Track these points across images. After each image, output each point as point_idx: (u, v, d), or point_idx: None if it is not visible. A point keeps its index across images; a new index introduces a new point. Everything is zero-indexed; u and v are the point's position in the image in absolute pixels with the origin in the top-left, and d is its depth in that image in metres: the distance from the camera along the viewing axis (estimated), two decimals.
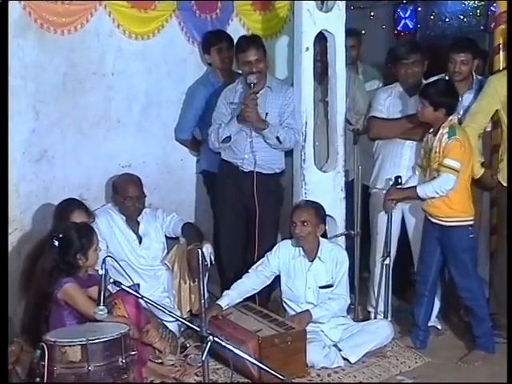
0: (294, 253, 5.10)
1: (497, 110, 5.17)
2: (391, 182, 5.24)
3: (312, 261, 5.06)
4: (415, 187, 5.00)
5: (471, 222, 4.93)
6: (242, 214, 5.53)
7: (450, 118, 4.90)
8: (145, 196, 5.29)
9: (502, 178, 5.17)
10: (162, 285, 5.35)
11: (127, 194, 5.20)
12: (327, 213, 5.20)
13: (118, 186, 5.26)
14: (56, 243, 4.41)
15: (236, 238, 5.57)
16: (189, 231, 5.30)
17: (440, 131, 4.86)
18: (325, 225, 5.13)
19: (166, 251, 5.41)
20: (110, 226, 5.23)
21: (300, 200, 5.23)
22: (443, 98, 4.87)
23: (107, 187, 5.46)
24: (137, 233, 5.32)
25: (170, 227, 5.38)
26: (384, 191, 5.28)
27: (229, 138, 5.33)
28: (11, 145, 4.93)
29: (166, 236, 5.42)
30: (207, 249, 5.24)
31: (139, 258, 5.29)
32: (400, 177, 5.19)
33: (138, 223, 5.32)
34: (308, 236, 5.00)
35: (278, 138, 5.28)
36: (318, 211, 5.06)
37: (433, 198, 4.89)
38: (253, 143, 5.32)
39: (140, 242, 5.31)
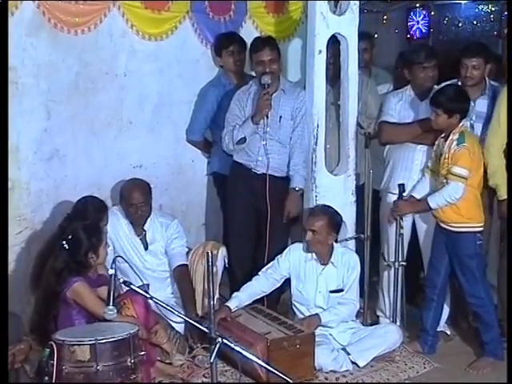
0: (306, 256, 5.09)
1: None
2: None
3: (324, 265, 5.06)
4: (426, 199, 4.99)
5: (479, 229, 4.92)
6: (253, 216, 5.52)
7: (461, 123, 4.88)
8: (150, 204, 5.18)
9: None
10: (169, 286, 5.34)
11: (131, 200, 5.10)
12: None
13: (124, 192, 5.18)
14: (66, 245, 4.41)
15: (246, 240, 5.56)
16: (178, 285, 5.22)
17: (450, 137, 4.85)
18: (338, 233, 5.11)
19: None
20: (116, 229, 5.18)
21: (316, 206, 5.19)
22: (456, 104, 4.85)
23: (115, 189, 5.45)
24: (142, 239, 5.24)
25: (170, 251, 5.26)
26: (395, 196, 5.26)
27: (244, 140, 5.33)
28: (23, 143, 4.97)
29: None
30: (222, 252, 5.24)
31: (145, 262, 5.25)
32: (403, 184, 5.19)
33: (145, 231, 5.23)
34: (317, 244, 4.99)
35: None
36: (332, 220, 5.02)
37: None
38: (266, 146, 5.33)
39: (146, 249, 5.25)
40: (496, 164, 5.08)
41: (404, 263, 5.31)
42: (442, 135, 4.94)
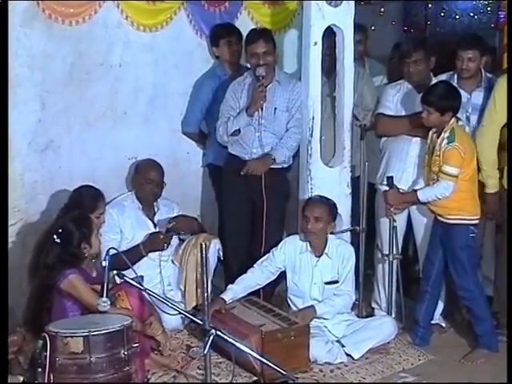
0: (300, 248, 5.08)
1: None
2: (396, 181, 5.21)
3: (319, 256, 5.05)
4: (415, 192, 5.02)
5: (473, 222, 4.92)
6: (248, 209, 5.52)
7: (452, 120, 4.87)
8: (164, 184, 5.33)
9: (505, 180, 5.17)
10: (167, 278, 5.36)
11: (149, 176, 5.27)
12: None
13: (142, 168, 5.33)
14: (57, 240, 4.39)
15: (242, 232, 5.56)
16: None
17: (442, 135, 4.85)
18: (335, 223, 5.12)
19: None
20: (123, 218, 5.25)
21: (315, 195, 5.20)
22: (448, 102, 4.85)
23: (115, 178, 5.49)
24: (152, 219, 5.36)
25: None
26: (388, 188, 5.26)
27: (238, 131, 5.33)
28: (17, 134, 4.95)
29: None
30: (215, 244, 5.24)
31: None
32: (392, 177, 5.20)
33: (154, 212, 5.36)
34: (318, 232, 4.99)
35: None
36: (332, 209, 5.05)
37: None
38: (261, 137, 5.32)
39: (155, 227, 5.34)
40: (488, 154, 5.10)
41: (399, 256, 5.29)
42: (434, 130, 4.95)
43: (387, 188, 5.22)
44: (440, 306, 5.31)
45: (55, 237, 4.39)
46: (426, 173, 5.03)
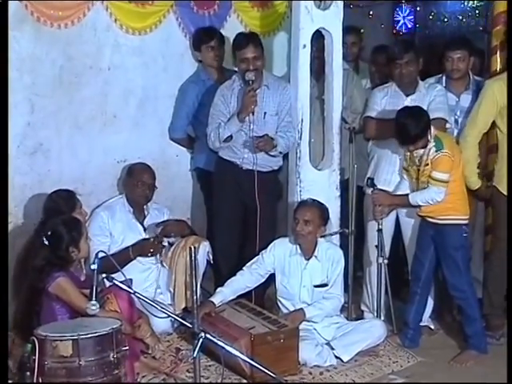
0: (290, 251, 5.09)
1: None
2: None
3: (308, 259, 5.05)
4: (407, 195, 5.02)
5: (465, 222, 4.95)
6: (239, 212, 5.52)
7: (432, 130, 4.85)
8: (155, 188, 5.35)
9: (497, 182, 5.18)
10: (156, 281, 5.36)
11: (141, 179, 5.28)
12: None
13: (135, 170, 5.34)
14: (46, 242, 4.39)
15: (232, 235, 5.55)
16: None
17: (428, 145, 4.84)
18: (326, 227, 5.12)
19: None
20: (114, 221, 5.25)
21: (307, 198, 5.19)
22: (420, 125, 4.79)
23: (104, 181, 5.48)
24: (142, 222, 5.36)
25: None
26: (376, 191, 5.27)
27: (230, 137, 5.32)
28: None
29: None
30: (205, 247, 5.24)
31: None
32: (372, 178, 5.24)
33: (144, 216, 5.37)
34: (308, 235, 4.99)
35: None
36: (323, 213, 5.05)
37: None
38: (252, 142, 5.31)
39: (145, 231, 5.34)
40: (470, 154, 5.15)
41: (386, 258, 5.29)
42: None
43: (372, 189, 5.24)
44: (429, 307, 5.32)
45: (44, 239, 4.38)
46: (414, 185, 5.03)
